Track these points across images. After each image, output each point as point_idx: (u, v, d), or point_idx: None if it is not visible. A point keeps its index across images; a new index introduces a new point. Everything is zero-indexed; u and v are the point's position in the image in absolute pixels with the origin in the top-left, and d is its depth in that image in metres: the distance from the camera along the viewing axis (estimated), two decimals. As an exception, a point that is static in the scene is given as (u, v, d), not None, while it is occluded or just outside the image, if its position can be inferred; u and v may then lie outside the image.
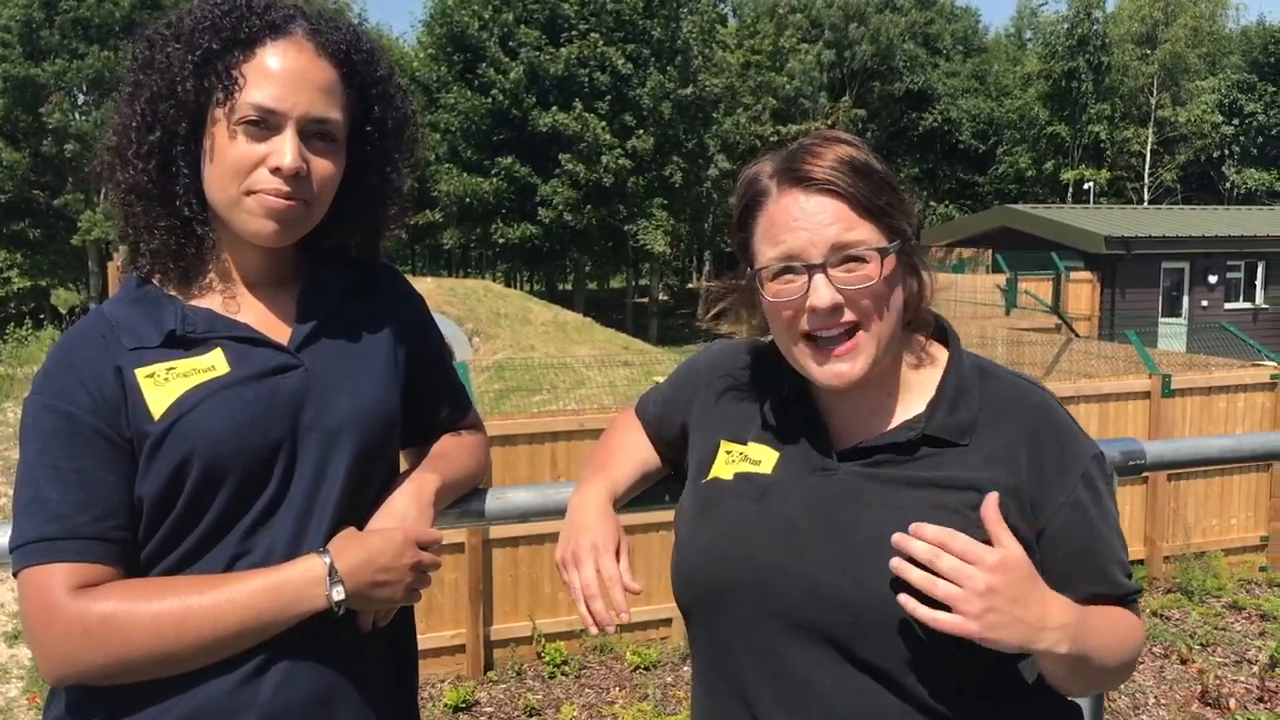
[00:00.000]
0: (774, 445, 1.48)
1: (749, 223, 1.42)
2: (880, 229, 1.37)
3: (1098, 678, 1.39)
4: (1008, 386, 1.45)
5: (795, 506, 1.41)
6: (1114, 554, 1.41)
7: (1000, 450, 1.39)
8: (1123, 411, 8.42)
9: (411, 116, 1.59)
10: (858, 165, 1.37)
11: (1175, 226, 25.89)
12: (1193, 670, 6.70)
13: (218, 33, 1.39)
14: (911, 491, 1.38)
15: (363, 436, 1.48)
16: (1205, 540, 8.62)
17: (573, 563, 1.49)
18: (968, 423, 1.40)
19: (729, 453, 1.51)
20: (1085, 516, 1.38)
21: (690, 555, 1.47)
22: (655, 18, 33.28)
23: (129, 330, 1.41)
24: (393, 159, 1.57)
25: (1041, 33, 52.37)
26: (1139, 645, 1.43)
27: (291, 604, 1.36)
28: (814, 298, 1.34)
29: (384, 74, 1.53)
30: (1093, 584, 1.39)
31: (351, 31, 1.49)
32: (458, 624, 6.78)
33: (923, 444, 1.40)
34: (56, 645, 1.30)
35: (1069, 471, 1.38)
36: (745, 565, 1.40)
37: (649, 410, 1.73)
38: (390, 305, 1.61)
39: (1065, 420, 1.43)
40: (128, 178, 1.42)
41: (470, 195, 32.57)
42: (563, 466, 6.91)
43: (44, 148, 30.92)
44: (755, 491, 1.45)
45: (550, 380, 16.02)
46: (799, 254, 1.35)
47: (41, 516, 1.32)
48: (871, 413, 1.45)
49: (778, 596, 1.38)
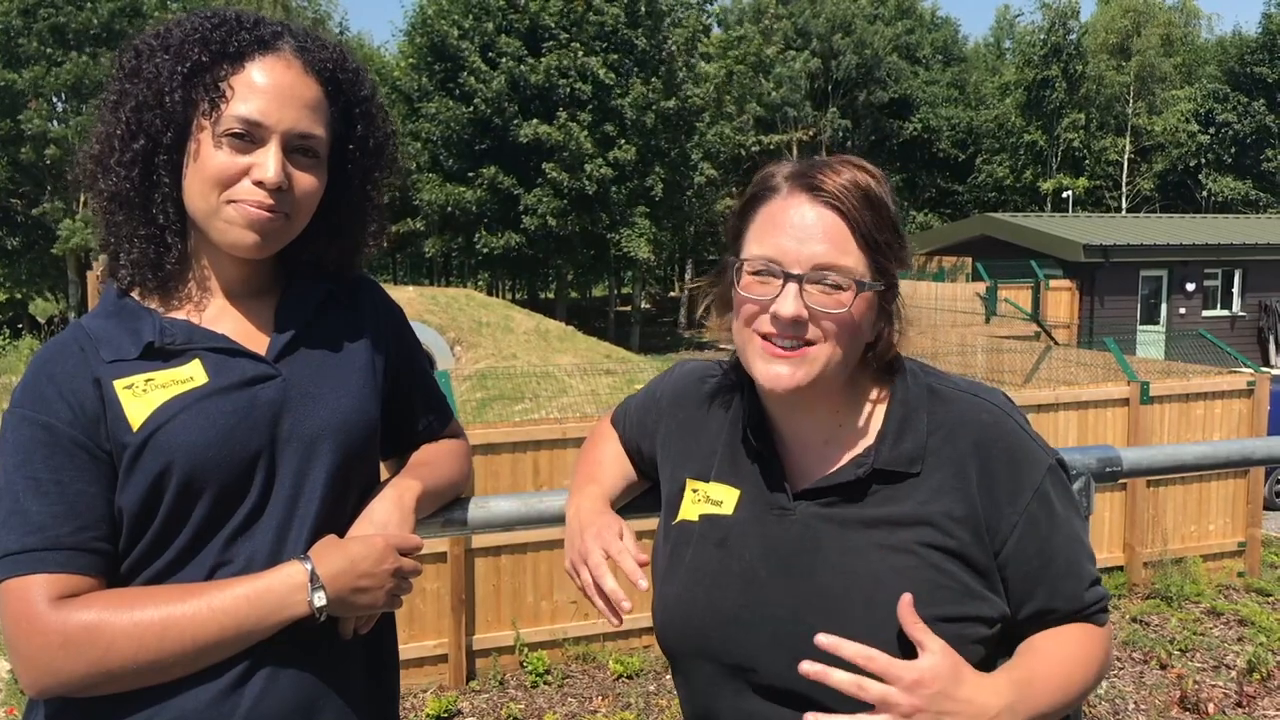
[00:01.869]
0: (734, 483, 1.49)
1: (749, 213, 1.43)
2: (869, 263, 1.37)
3: (1062, 713, 1.38)
4: (957, 407, 1.44)
5: (755, 552, 1.42)
6: (1073, 568, 1.40)
7: (949, 478, 1.39)
8: (1102, 418, 8.47)
9: (392, 136, 1.61)
10: (871, 195, 1.37)
11: (1153, 235, 26.09)
12: (1172, 675, 6.74)
13: (207, 45, 1.40)
14: (865, 532, 1.38)
15: (342, 446, 1.48)
16: (1184, 546, 8.68)
17: (580, 560, 1.50)
18: (915, 452, 1.40)
19: (695, 491, 1.52)
20: (1039, 534, 1.38)
21: (663, 607, 1.48)
22: (639, 28, 33.34)
23: (107, 342, 1.41)
24: (373, 177, 1.58)
25: (1019, 42, 52.79)
26: (1102, 664, 1.42)
27: (273, 611, 1.37)
28: (780, 305, 1.35)
29: (368, 93, 1.54)
30: (1050, 600, 1.39)
31: (338, 50, 1.51)
32: (440, 633, 6.76)
33: (874, 480, 1.40)
34: (37, 656, 1.29)
35: (1020, 491, 1.38)
36: (710, 618, 1.42)
37: (624, 430, 1.73)
38: (369, 316, 1.62)
39: (1016, 435, 1.42)
40: (110, 185, 1.43)
41: (453, 204, 32.52)
42: (545, 475, 6.90)
43: (22, 155, 30.69)
44: (718, 535, 1.46)
45: (532, 389, 16.01)
46: (781, 259, 1.35)
47: (22, 528, 1.32)
48: (825, 442, 1.45)
49: (741, 647, 1.39)
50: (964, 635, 1.34)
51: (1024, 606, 1.39)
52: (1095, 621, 1.43)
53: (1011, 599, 1.39)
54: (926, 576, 1.33)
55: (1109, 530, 8.50)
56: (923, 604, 1.31)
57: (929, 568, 1.33)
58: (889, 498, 1.39)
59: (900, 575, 1.34)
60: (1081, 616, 1.42)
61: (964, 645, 1.33)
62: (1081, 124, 47.19)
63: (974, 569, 1.36)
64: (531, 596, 6.97)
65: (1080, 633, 1.41)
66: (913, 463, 1.40)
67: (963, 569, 1.36)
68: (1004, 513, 1.37)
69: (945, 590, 1.34)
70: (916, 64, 53.27)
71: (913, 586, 1.32)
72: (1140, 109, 47.08)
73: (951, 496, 1.37)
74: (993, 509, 1.37)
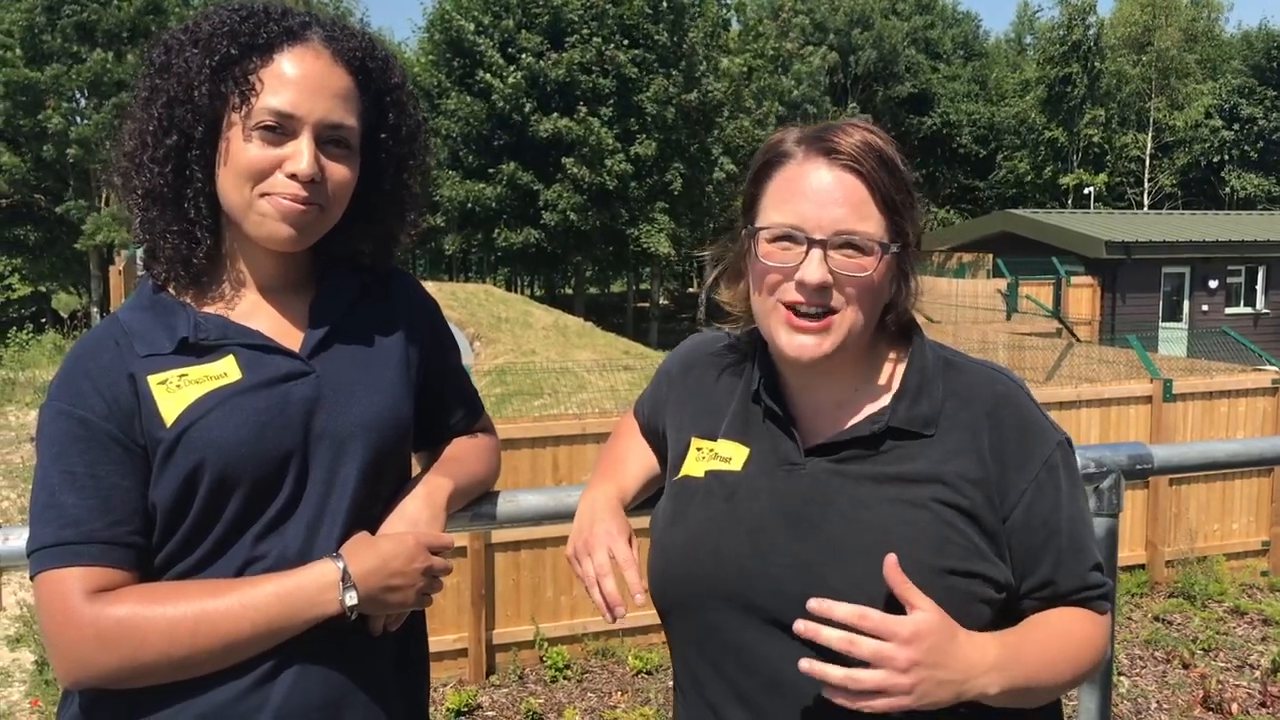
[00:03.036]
0: (743, 441, 1.48)
1: (763, 180, 1.42)
2: (888, 225, 1.37)
3: (1050, 694, 1.38)
4: (972, 377, 1.45)
5: (764, 505, 1.41)
6: (1077, 543, 1.40)
7: (964, 441, 1.39)
8: (1124, 416, 8.42)
9: (423, 123, 1.61)
10: (885, 156, 1.37)
11: (1176, 231, 25.91)
12: (1195, 675, 6.70)
13: (235, 38, 1.40)
14: (877, 487, 1.38)
15: (374, 443, 1.48)
16: (1207, 545, 8.62)
17: (584, 550, 1.50)
18: (930, 414, 1.41)
19: (699, 449, 1.51)
20: (1046, 505, 1.38)
21: (663, 557, 1.48)
22: (660, 23, 33.32)
23: (142, 337, 1.42)
24: (407, 165, 1.58)
25: (1040, 38, 52.45)
26: (1099, 652, 1.41)
27: (305, 608, 1.37)
28: (805, 272, 1.34)
29: (398, 81, 1.54)
30: (1054, 572, 1.39)
31: (366, 39, 1.50)
32: (460, 628, 6.78)
33: (888, 437, 1.40)
34: (72, 649, 1.30)
35: (1030, 460, 1.39)
36: (714, 566, 1.41)
37: (642, 415, 1.73)
38: (402, 310, 1.62)
39: (1028, 408, 1.43)
40: (144, 181, 1.43)
41: (472, 201, 32.60)
42: (564, 471, 6.91)
43: (44, 152, 30.91)
44: (725, 490, 1.45)
45: (551, 384, 16.03)
46: (803, 225, 1.34)
47: (58, 521, 1.33)
48: (837, 405, 1.45)
49: (744, 597, 1.38)
50: (972, 592, 1.34)
51: (1027, 578, 1.38)
52: (1096, 608, 1.43)
53: (1015, 569, 1.38)
54: (937, 531, 1.33)
55: (1131, 528, 8.44)
56: (933, 554, 1.31)
57: (941, 523, 1.33)
58: (902, 456, 1.39)
59: (910, 527, 1.34)
60: (1083, 598, 1.41)
61: (971, 602, 1.33)
62: (1102, 120, 46.87)
63: (984, 531, 1.36)
64: (551, 591, 6.99)
65: (1080, 616, 1.41)
66: (927, 424, 1.40)
67: (973, 529, 1.36)
68: (1013, 480, 1.38)
69: (955, 546, 1.34)
70: (937, 59, 53.03)
71: (923, 538, 1.33)
72: (1161, 104, 46.74)
73: (966, 458, 1.38)
74: (1002, 476, 1.38)
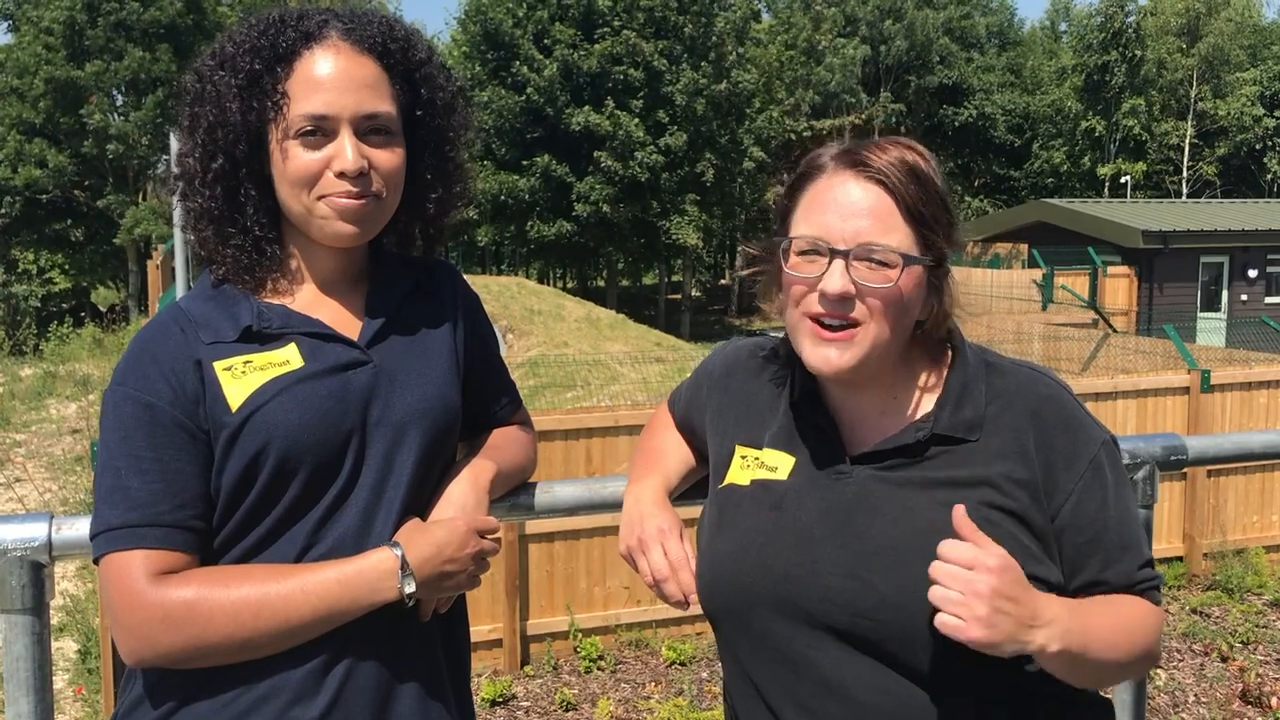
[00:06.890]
0: (788, 450, 1.50)
1: (797, 193, 1.44)
2: (916, 237, 1.38)
3: (1105, 673, 1.37)
4: (1014, 379, 1.46)
5: (811, 514, 1.43)
6: (1126, 541, 1.41)
7: (1009, 443, 1.40)
8: (1161, 407, 8.34)
9: (460, 92, 1.62)
10: (917, 170, 1.38)
11: (1214, 220, 25.55)
12: (1233, 668, 6.64)
13: (258, 53, 1.44)
14: (925, 493, 1.39)
15: (427, 432, 1.52)
16: (1245, 537, 8.52)
17: (639, 549, 1.53)
18: (974, 419, 1.42)
19: (744, 458, 1.53)
20: (1094, 503, 1.39)
21: (711, 565, 1.50)
22: (688, 14, 33.24)
23: (207, 325, 1.46)
24: (449, 137, 1.60)
25: (1075, 26, 51.78)
26: (1154, 639, 1.41)
27: (365, 595, 1.41)
28: (827, 282, 1.36)
29: (423, 57, 1.55)
30: (1102, 571, 1.39)
31: (385, 23, 1.52)
32: (494, 618, 6.85)
33: (932, 443, 1.41)
34: (138, 629, 1.35)
35: (1076, 460, 1.39)
36: (762, 575, 1.43)
37: (677, 410, 1.76)
38: (449, 302, 1.66)
39: (1072, 408, 1.44)
40: (197, 205, 1.48)
41: (505, 193, 32.70)
42: (597, 462, 6.95)
43: (85, 148, 31.35)
44: (772, 499, 1.47)
45: (584, 377, 16.07)
46: (827, 236, 1.37)
47: (124, 504, 1.38)
48: (881, 413, 1.47)
49: (793, 604, 1.40)
50: None
51: (1076, 576, 1.39)
52: (1149, 598, 1.43)
53: (1065, 568, 1.39)
54: (987, 532, 1.32)
55: (1168, 520, 8.37)
56: None
57: (990, 525, 1.32)
58: (948, 462, 1.41)
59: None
60: (1134, 591, 1.42)
61: None
62: (1142, 109, 46.21)
63: (1033, 532, 1.37)
64: (585, 582, 7.04)
65: (1136, 603, 1.41)
66: (972, 429, 1.41)
67: (1023, 530, 1.37)
68: (1060, 480, 1.39)
69: (1006, 548, 1.32)
70: (971, 48, 52.48)
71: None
72: (1205, 92, 46.01)
73: (1012, 460, 1.39)
74: (1049, 476, 1.39)
